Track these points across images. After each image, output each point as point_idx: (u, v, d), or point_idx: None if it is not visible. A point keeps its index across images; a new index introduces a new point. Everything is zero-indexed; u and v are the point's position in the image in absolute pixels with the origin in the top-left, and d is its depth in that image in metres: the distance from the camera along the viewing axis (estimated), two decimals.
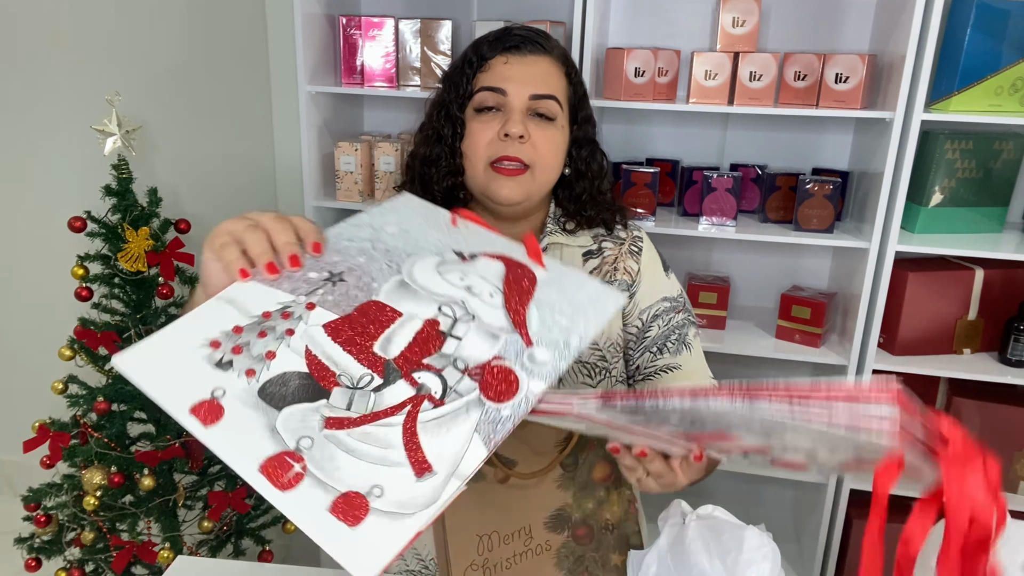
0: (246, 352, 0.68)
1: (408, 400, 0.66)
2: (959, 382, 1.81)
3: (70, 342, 1.73)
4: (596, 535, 1.02)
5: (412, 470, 0.62)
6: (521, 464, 1.00)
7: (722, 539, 0.77)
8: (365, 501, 0.61)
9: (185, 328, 0.69)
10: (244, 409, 0.64)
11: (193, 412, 0.64)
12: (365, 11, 2.04)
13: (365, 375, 0.67)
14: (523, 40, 1.04)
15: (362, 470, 0.62)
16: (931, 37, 1.52)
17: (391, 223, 0.83)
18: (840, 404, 0.58)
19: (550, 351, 0.71)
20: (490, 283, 0.76)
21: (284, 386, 0.66)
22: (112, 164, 1.71)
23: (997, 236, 1.75)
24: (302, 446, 0.63)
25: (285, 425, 0.64)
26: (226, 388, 0.65)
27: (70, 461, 1.73)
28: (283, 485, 0.62)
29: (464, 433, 0.64)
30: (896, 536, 0.64)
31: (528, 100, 1.01)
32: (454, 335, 0.71)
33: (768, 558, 0.75)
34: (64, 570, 1.75)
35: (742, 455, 0.69)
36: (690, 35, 1.91)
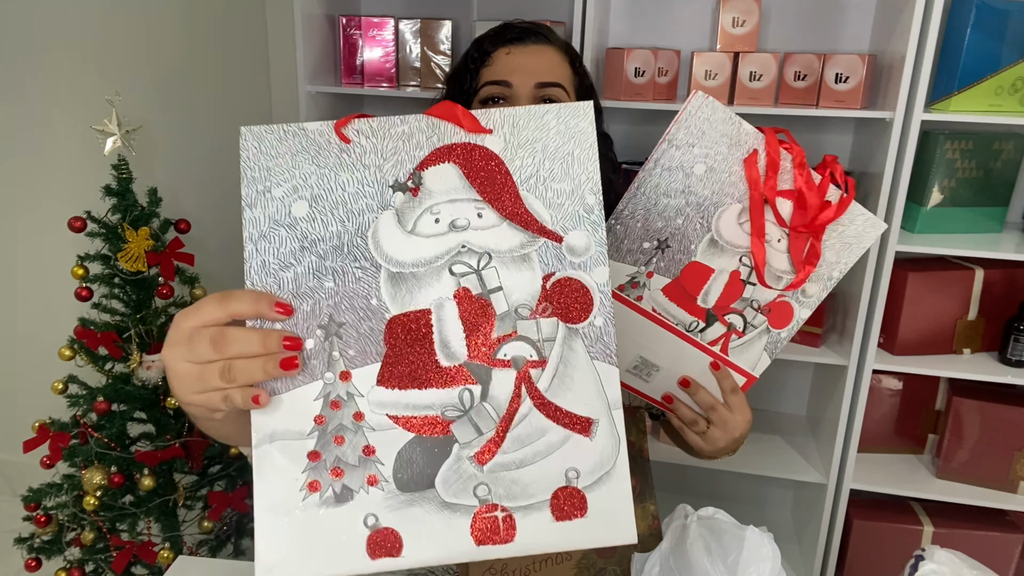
0: (346, 468, 0.60)
1: (518, 383, 0.61)
2: (959, 382, 1.81)
3: (70, 342, 1.73)
4: (619, 549, 1.02)
5: (579, 435, 0.61)
6: None
7: (723, 540, 0.77)
8: (574, 489, 0.60)
9: (268, 499, 0.59)
10: (406, 512, 0.59)
11: (375, 556, 0.58)
12: (365, 11, 2.04)
13: (461, 393, 0.61)
14: (524, 32, 1.04)
15: (544, 469, 0.60)
16: (931, 37, 1.52)
17: (288, 198, 0.62)
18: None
19: (580, 231, 0.63)
20: (466, 200, 0.63)
21: (412, 465, 0.60)
22: (112, 164, 1.71)
23: (997, 236, 1.75)
24: (482, 495, 0.60)
25: (451, 492, 0.60)
26: (372, 511, 0.59)
27: (70, 461, 1.73)
28: (507, 538, 0.59)
29: (585, 369, 0.61)
30: (895, 536, 0.64)
31: (534, 89, 1.00)
32: (492, 289, 0.62)
33: (768, 558, 0.75)
34: (64, 570, 1.75)
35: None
36: (690, 35, 1.91)
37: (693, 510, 0.83)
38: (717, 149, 0.82)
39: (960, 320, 1.76)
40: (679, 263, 0.85)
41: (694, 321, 0.87)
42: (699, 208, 0.84)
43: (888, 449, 1.92)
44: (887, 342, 1.77)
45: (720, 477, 2.21)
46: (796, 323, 0.89)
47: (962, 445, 1.78)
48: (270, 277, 0.61)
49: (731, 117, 0.82)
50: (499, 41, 1.03)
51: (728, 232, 0.85)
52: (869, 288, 1.69)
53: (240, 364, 0.58)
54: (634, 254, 0.85)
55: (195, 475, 1.81)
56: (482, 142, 0.62)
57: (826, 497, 1.83)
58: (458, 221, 0.62)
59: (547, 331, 0.61)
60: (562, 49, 1.06)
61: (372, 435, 0.60)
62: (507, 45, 1.03)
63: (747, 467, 1.89)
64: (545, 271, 0.61)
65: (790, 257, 0.86)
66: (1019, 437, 1.73)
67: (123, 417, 1.74)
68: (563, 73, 1.03)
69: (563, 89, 1.02)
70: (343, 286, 0.61)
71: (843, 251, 0.87)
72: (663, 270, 0.85)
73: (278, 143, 0.63)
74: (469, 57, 1.06)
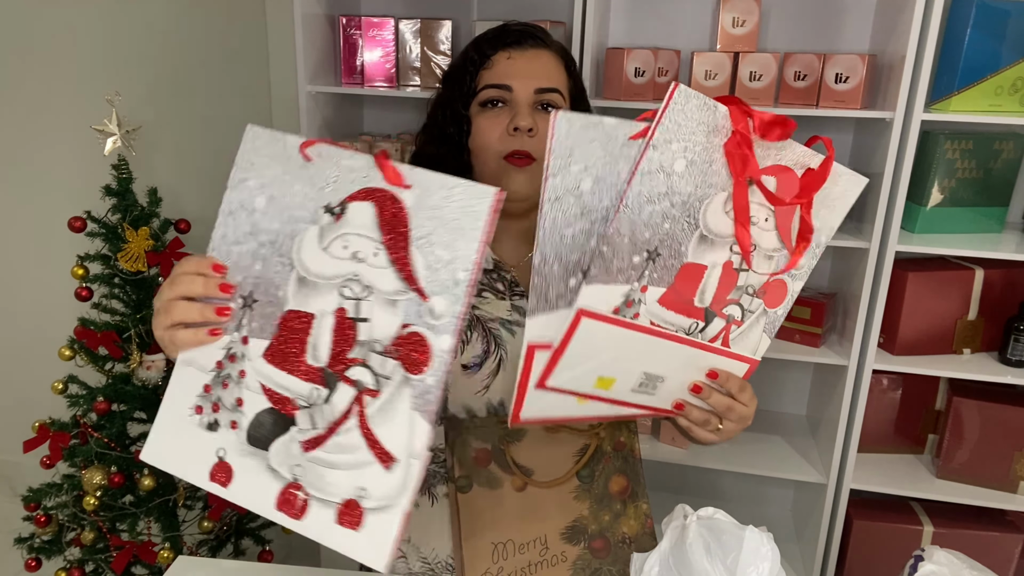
0: (222, 407, 0.76)
1: (353, 401, 0.72)
2: (959, 382, 1.81)
3: (70, 342, 1.73)
4: (613, 549, 1.02)
5: (380, 464, 0.70)
6: (538, 472, 1.00)
7: (722, 540, 0.77)
8: (358, 505, 0.70)
9: (171, 403, 0.78)
10: (244, 459, 0.75)
11: (212, 479, 0.76)
12: (365, 11, 2.04)
13: (312, 390, 0.73)
14: (523, 35, 1.04)
15: (346, 478, 0.71)
16: (931, 37, 1.52)
17: (256, 191, 0.76)
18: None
19: (444, 298, 0.69)
20: (370, 238, 0.72)
21: (261, 427, 0.74)
22: (112, 164, 1.71)
23: (997, 236, 1.75)
24: (297, 474, 0.73)
25: (277, 461, 0.74)
26: (225, 447, 0.76)
27: (70, 461, 1.73)
28: (297, 514, 0.73)
29: (404, 414, 0.70)
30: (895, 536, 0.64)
31: (534, 94, 1.01)
32: (361, 318, 0.72)
33: (767, 558, 0.75)
34: (64, 570, 1.75)
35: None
36: (690, 35, 1.91)
37: (692, 510, 0.83)
38: (695, 140, 0.77)
39: (960, 320, 1.76)
40: (672, 269, 0.81)
41: (693, 323, 0.84)
42: (684, 207, 0.79)
43: (888, 449, 1.92)
44: (887, 342, 1.77)
45: (720, 477, 2.21)
46: (791, 298, 0.87)
47: (962, 445, 1.78)
48: (224, 246, 0.76)
49: (706, 103, 0.76)
50: (499, 44, 1.04)
51: (716, 223, 0.81)
52: (869, 288, 1.69)
53: (182, 305, 0.76)
54: (625, 272, 0.79)
55: None
56: (400, 194, 0.71)
57: (826, 497, 1.83)
58: (359, 254, 0.72)
59: (388, 370, 0.70)
60: (559, 53, 1.07)
61: (245, 392, 0.75)
62: (507, 49, 1.03)
63: (747, 467, 1.89)
64: (405, 320, 0.70)
65: (778, 234, 0.83)
66: (1019, 437, 1.73)
67: (123, 417, 1.74)
68: (560, 78, 1.05)
69: (560, 94, 1.03)
70: (266, 272, 0.75)
71: (828, 215, 0.85)
72: (657, 280, 0.81)
73: (265, 145, 0.77)
74: (468, 58, 1.06)
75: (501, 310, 1.05)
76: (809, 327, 1.81)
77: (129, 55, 2.19)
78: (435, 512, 1.05)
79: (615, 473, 1.04)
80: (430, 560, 1.08)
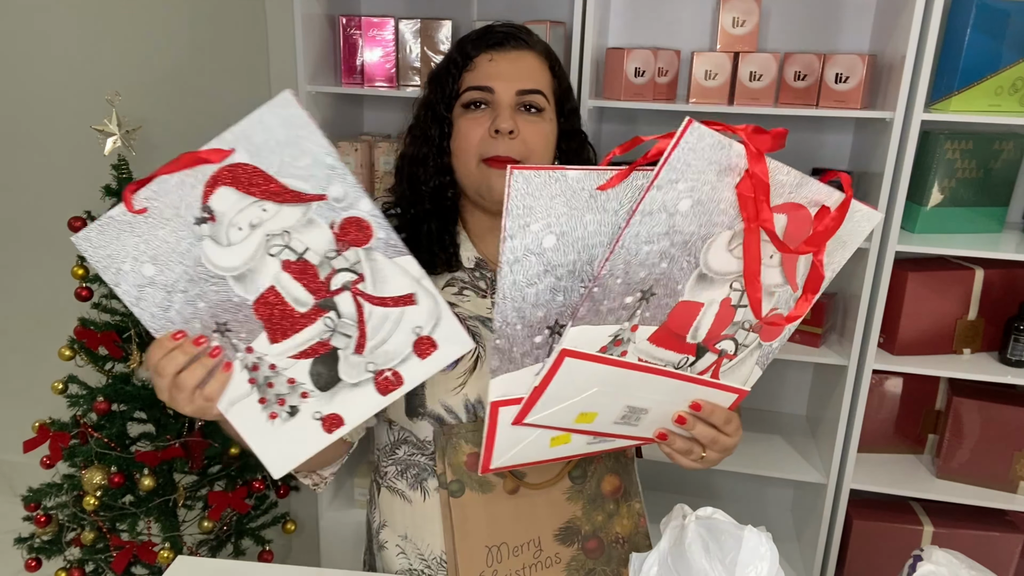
0: (284, 397, 0.86)
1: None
2: (959, 382, 1.80)
3: (70, 342, 1.73)
4: (607, 548, 1.02)
5: (408, 306, 0.83)
6: (530, 475, 1.01)
7: (720, 540, 0.77)
8: (424, 337, 0.85)
9: (251, 431, 0.87)
10: (335, 400, 0.86)
11: (331, 431, 0.87)
12: (365, 11, 2.04)
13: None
14: (506, 36, 1.04)
15: (399, 335, 0.84)
16: (931, 37, 1.52)
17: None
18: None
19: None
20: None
21: (320, 375, 0.85)
22: (112, 164, 1.71)
23: (997, 236, 1.75)
24: (371, 369, 0.85)
25: (352, 376, 0.85)
26: (315, 410, 0.86)
27: (70, 461, 1.73)
28: (398, 385, 0.86)
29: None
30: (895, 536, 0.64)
31: (515, 95, 1.01)
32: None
33: (766, 559, 0.75)
34: (64, 570, 1.75)
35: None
36: (690, 35, 1.91)
37: (691, 510, 0.83)
38: (704, 179, 0.70)
39: (960, 320, 1.76)
40: (666, 308, 0.77)
41: (684, 358, 0.81)
42: (685, 246, 0.73)
43: (888, 449, 1.92)
44: (887, 342, 1.77)
45: (720, 477, 2.21)
46: (788, 331, 0.86)
47: (962, 445, 1.78)
48: (158, 322, 0.82)
49: (720, 142, 0.69)
50: (481, 45, 1.04)
51: (718, 263, 0.76)
52: (869, 288, 1.69)
53: (184, 376, 0.81)
54: (616, 312, 0.74)
55: (195, 475, 1.81)
56: (233, 160, 0.77)
57: (826, 497, 1.83)
58: (253, 221, 0.79)
59: (353, 258, 0.80)
60: (542, 53, 1.07)
61: (288, 372, 0.84)
62: (489, 50, 1.03)
63: (747, 467, 1.89)
64: (328, 222, 0.79)
65: (783, 271, 0.80)
66: (1019, 437, 1.73)
67: (123, 417, 1.74)
68: (543, 78, 1.05)
69: (543, 95, 1.03)
70: (209, 301, 0.81)
71: (836, 249, 0.81)
72: (649, 319, 0.76)
73: (117, 233, 0.79)
74: (451, 60, 1.06)
75: (481, 308, 1.05)
76: (809, 327, 1.81)
77: (129, 55, 2.19)
78: (427, 507, 1.06)
79: (607, 473, 1.04)
80: (426, 556, 1.08)
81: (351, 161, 1.87)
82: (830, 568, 1.89)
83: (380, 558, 1.14)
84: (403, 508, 1.09)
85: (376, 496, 1.15)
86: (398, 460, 1.09)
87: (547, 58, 1.07)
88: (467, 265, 1.07)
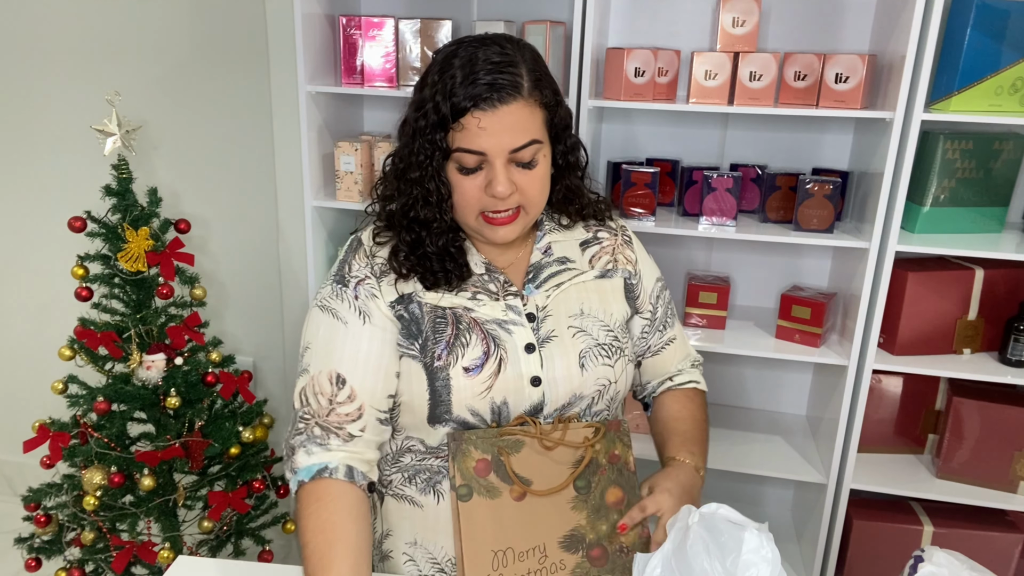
0: None
1: None
2: (959, 382, 1.81)
3: (70, 342, 1.73)
4: (611, 558, 1.02)
5: None
6: (536, 483, 1.02)
7: (721, 541, 0.77)
8: None
9: None
10: None
11: None
12: (365, 11, 2.04)
13: None
14: (491, 88, 0.95)
15: None
16: (931, 37, 1.52)
17: None
18: None
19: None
20: None
21: None
22: (112, 164, 1.71)
23: (997, 236, 1.75)
24: None
25: None
26: None
27: (70, 461, 1.73)
28: None
29: None
30: (895, 536, 0.64)
31: (508, 154, 0.98)
32: None
33: (767, 559, 0.75)
34: (64, 570, 1.75)
35: None
36: (690, 35, 1.91)
37: (697, 511, 0.83)
38: None
39: (960, 320, 1.76)
40: None
41: None
42: None
43: (888, 449, 1.92)
44: (887, 342, 1.77)
45: (720, 477, 2.21)
46: None
47: (962, 445, 1.78)
48: None
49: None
50: (468, 98, 0.95)
51: None
52: (869, 288, 1.69)
53: None
54: None
55: (195, 475, 1.81)
56: None
57: (826, 497, 1.83)
58: None
59: None
60: (531, 91, 0.98)
61: None
62: (476, 112, 0.95)
63: (747, 467, 1.89)
64: None
65: None
66: (1019, 437, 1.73)
67: (123, 417, 1.74)
68: (534, 123, 0.99)
69: (537, 142, 0.99)
70: None
71: None
72: None
73: None
74: (438, 110, 0.97)
75: (496, 311, 1.06)
76: (809, 327, 1.81)
77: (129, 55, 2.19)
78: (441, 510, 1.06)
79: (611, 485, 1.05)
80: (439, 559, 1.08)
81: (351, 161, 1.87)
82: (830, 568, 1.89)
83: (383, 569, 1.14)
84: (412, 514, 1.09)
85: (379, 506, 1.15)
86: (404, 467, 1.09)
87: (538, 92, 0.99)
88: (477, 271, 1.08)
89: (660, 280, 1.23)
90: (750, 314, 2.03)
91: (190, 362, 1.77)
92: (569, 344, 1.07)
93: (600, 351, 1.09)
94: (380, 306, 1.04)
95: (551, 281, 1.10)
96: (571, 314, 1.09)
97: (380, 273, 1.05)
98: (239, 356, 1.98)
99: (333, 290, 1.05)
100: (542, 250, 1.12)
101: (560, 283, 1.11)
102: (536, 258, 1.11)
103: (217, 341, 1.86)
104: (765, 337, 1.88)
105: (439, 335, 1.03)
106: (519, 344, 1.04)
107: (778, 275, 2.05)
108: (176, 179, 2.25)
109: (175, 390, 1.72)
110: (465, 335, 1.03)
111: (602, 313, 1.11)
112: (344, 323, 1.03)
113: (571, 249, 1.15)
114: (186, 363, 1.75)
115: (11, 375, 2.59)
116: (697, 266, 2.08)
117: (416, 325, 1.04)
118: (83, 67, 2.22)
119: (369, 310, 1.03)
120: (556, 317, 1.08)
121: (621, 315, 1.14)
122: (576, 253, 1.15)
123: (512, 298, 1.07)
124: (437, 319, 1.04)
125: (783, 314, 1.84)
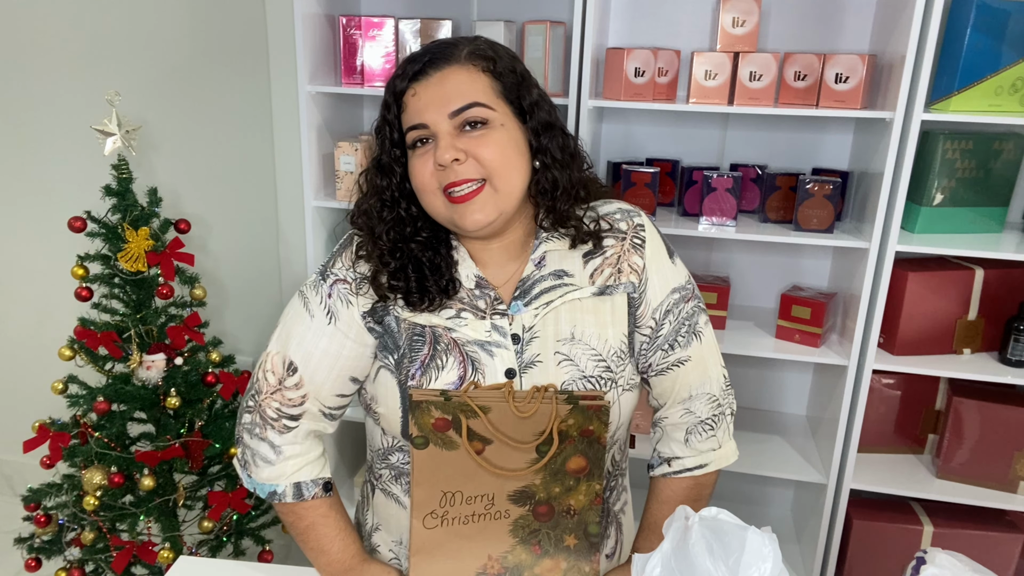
0: None
1: None
2: (959, 382, 1.81)
3: (70, 342, 1.73)
4: (556, 516, 1.02)
5: None
6: (497, 443, 0.98)
7: (724, 541, 0.77)
8: None
9: None
10: None
11: None
12: (365, 11, 2.04)
13: None
14: (425, 62, 0.96)
15: None
16: (931, 37, 1.52)
17: None
18: None
19: None
20: None
21: None
22: (112, 164, 1.71)
23: (997, 236, 1.75)
24: None
25: None
26: None
27: (70, 461, 1.73)
28: None
29: None
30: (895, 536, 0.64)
31: (449, 119, 0.94)
32: None
33: (769, 560, 0.75)
34: (64, 570, 1.75)
35: None
36: (690, 35, 1.91)
37: (694, 511, 0.83)
38: None
39: (960, 320, 1.76)
40: None
41: None
42: None
43: (888, 449, 1.92)
44: (887, 342, 1.77)
45: (720, 477, 2.20)
46: None
47: (962, 445, 1.78)
48: None
49: None
50: (404, 79, 0.97)
51: None
52: (869, 288, 1.69)
53: None
54: None
55: (195, 475, 1.81)
56: None
57: (826, 497, 1.83)
58: None
59: None
60: (470, 59, 0.96)
61: None
62: (412, 85, 0.96)
63: (747, 467, 1.89)
64: None
65: None
66: (1019, 437, 1.73)
67: (123, 417, 1.74)
68: (475, 87, 0.96)
69: (482, 105, 0.95)
70: None
71: None
72: None
73: None
74: (387, 107, 0.99)
75: (479, 331, 1.01)
76: (809, 327, 1.81)
77: (129, 55, 2.19)
78: (404, 513, 1.09)
79: (575, 454, 1.00)
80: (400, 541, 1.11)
81: (351, 160, 1.87)
82: (830, 568, 1.89)
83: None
84: (398, 514, 1.10)
85: (371, 497, 1.15)
86: (392, 466, 1.09)
87: (481, 60, 0.97)
88: (467, 284, 1.02)
89: (679, 291, 1.07)
90: (750, 314, 2.03)
91: (190, 362, 1.77)
92: (552, 373, 1.00)
93: (586, 384, 1.01)
94: (353, 314, 1.01)
95: (542, 298, 1.02)
96: (560, 338, 1.01)
97: (359, 281, 1.02)
98: (239, 356, 1.98)
99: (315, 281, 1.05)
100: (536, 261, 1.03)
101: (550, 301, 1.02)
102: (528, 271, 1.03)
103: (217, 341, 1.86)
104: (765, 337, 1.88)
105: (415, 353, 1.00)
106: (499, 368, 0.99)
107: (778, 275, 2.05)
108: (176, 179, 2.25)
109: (175, 390, 1.72)
110: (442, 356, 1.00)
111: (595, 339, 1.02)
112: (311, 316, 1.02)
113: (570, 260, 1.04)
114: (186, 363, 1.75)
115: (11, 375, 2.59)
116: (697, 266, 2.08)
117: (392, 339, 1.01)
118: (83, 67, 2.22)
119: (338, 312, 1.01)
120: (543, 340, 1.01)
121: (618, 340, 1.03)
122: (576, 265, 1.04)
123: (499, 317, 1.01)
124: (415, 336, 1.01)
125: (783, 314, 1.84)
